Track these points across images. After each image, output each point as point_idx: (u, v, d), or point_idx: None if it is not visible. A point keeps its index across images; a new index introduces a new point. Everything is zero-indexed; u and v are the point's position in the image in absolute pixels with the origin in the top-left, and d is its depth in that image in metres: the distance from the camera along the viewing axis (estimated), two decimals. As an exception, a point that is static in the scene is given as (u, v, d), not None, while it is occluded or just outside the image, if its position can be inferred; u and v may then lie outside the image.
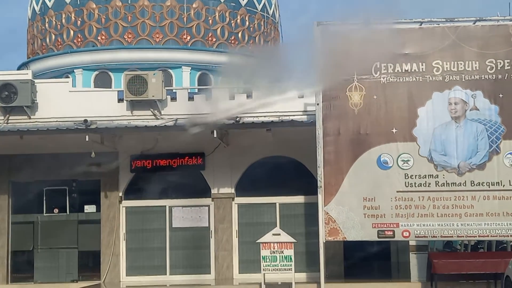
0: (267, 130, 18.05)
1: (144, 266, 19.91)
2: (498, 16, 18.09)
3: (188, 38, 28.96)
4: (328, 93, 17.02)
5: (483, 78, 16.79)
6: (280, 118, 18.39)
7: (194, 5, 28.95)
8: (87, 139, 17.57)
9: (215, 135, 17.79)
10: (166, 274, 19.70)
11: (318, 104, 16.94)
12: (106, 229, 19.77)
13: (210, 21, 29.51)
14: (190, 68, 28.74)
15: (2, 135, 18.26)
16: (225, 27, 29.83)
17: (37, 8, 31.09)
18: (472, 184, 16.47)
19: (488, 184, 16.48)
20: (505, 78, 16.76)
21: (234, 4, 30.01)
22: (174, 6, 28.90)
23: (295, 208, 19.48)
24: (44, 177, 20.05)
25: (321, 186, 16.69)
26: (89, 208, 20.38)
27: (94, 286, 18.79)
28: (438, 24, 17.15)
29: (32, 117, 19.12)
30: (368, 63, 16.92)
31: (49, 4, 30.13)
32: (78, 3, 29.32)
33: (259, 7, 31.13)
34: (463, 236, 17.52)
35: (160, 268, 19.83)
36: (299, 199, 19.35)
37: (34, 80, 19.74)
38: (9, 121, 19.05)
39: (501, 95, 16.69)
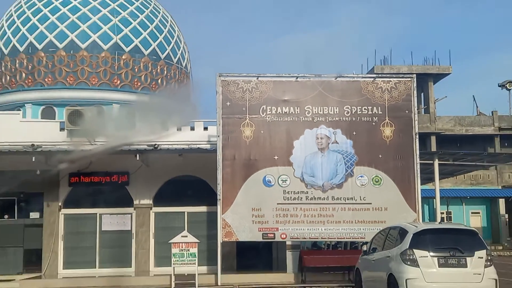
0: (179, 155, 18.55)
1: (78, 261, 19.99)
2: (353, 74, 19.77)
3: (118, 82, 28.91)
4: (226, 128, 17.51)
5: (341, 119, 17.74)
6: (190, 146, 18.96)
7: (123, 57, 28.90)
8: (33, 160, 17.78)
9: (137, 158, 18.40)
10: (95, 268, 19.86)
11: (219, 136, 17.47)
12: (47, 232, 19.77)
13: (136, 69, 29.45)
14: (119, 105, 28.24)
15: None
16: (147, 75, 29.77)
17: None
18: (333, 199, 17.42)
19: (344, 199, 17.43)
20: (358, 120, 17.77)
21: (155, 57, 29.91)
22: (108, 57, 28.70)
23: (200, 215, 19.91)
24: None
25: (220, 199, 17.19)
26: (34, 215, 20.37)
27: (36, 277, 18.70)
28: (309, 79, 18.06)
29: None
30: (256, 106, 17.70)
31: (5, 51, 29.64)
32: (30, 51, 28.87)
33: (175, 60, 31.25)
34: (326, 238, 18.40)
35: (91, 263, 20.00)
36: (203, 208, 19.84)
37: None
38: None
39: (354, 133, 17.70)
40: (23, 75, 29.26)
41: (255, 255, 20.01)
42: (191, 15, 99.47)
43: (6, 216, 20.60)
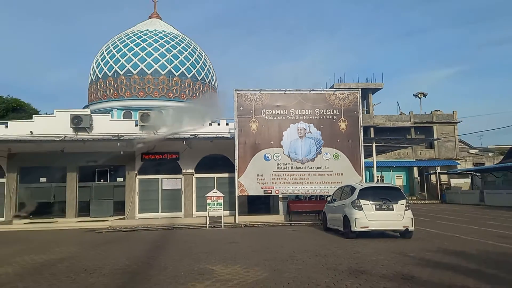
0: (210, 141, 18.65)
1: (147, 208, 19.86)
2: (320, 89, 19.73)
3: (171, 95, 28.68)
4: (240, 123, 17.51)
5: (313, 118, 17.75)
6: (217, 135, 18.98)
7: (174, 78, 28.66)
8: (119, 145, 17.91)
9: (184, 143, 18.51)
10: (159, 212, 19.81)
11: (235, 129, 17.55)
12: (128, 190, 19.84)
13: (182, 86, 29.11)
14: (172, 109, 26.99)
15: (74, 142, 18.17)
16: (190, 90, 29.43)
17: (93, 77, 30.28)
18: (308, 168, 17.45)
19: (315, 168, 17.46)
20: (324, 118, 17.74)
21: (194, 79, 29.64)
22: (164, 79, 28.44)
23: (224, 179, 19.75)
24: (96, 163, 19.77)
25: (236, 169, 17.26)
26: (119, 179, 20.43)
27: (121, 218, 18.85)
28: (292, 92, 17.95)
29: (90, 133, 19.11)
30: (259, 110, 17.68)
31: (100, 75, 29.44)
32: (115, 75, 28.62)
33: (207, 80, 30.96)
34: (304, 193, 18.19)
35: (156, 209, 19.93)
36: (226, 175, 19.67)
37: (91, 114, 19.91)
38: (78, 135, 18.84)
39: (322, 126, 17.71)
40: (111, 91, 29.08)
41: (259, 204, 20.07)
42: (218, 48, 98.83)
43: (102, 180, 20.63)
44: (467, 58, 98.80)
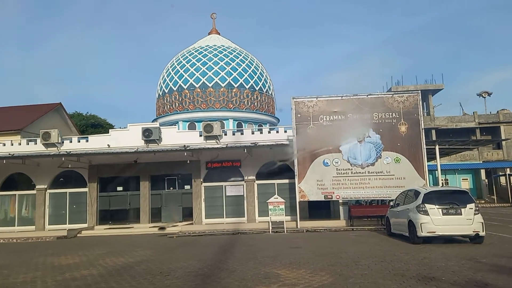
0: (270, 148, 18.71)
1: (213, 214, 20.09)
2: (378, 93, 19.29)
3: (231, 105, 29.06)
4: (298, 130, 17.47)
5: (372, 122, 17.31)
6: (276, 142, 18.97)
7: (234, 90, 29.05)
8: (185, 154, 18.29)
9: (245, 151, 18.77)
10: (223, 218, 19.96)
11: (294, 136, 17.52)
12: (195, 196, 20.11)
13: (241, 97, 29.51)
14: (232, 120, 29.03)
15: (145, 153, 18.87)
16: (248, 100, 29.69)
17: (160, 93, 31.44)
18: (368, 173, 17.02)
19: (376, 172, 16.99)
20: (383, 122, 17.28)
21: (252, 89, 29.82)
22: (225, 91, 28.92)
23: (284, 185, 19.56)
24: (166, 172, 20.45)
25: (296, 175, 17.20)
26: (187, 187, 20.71)
27: (189, 223, 19.21)
28: (349, 97, 17.64)
29: (159, 144, 19.80)
30: (316, 116, 17.53)
31: (166, 90, 30.55)
32: (180, 90, 29.51)
33: (264, 90, 31.17)
34: (365, 198, 17.83)
35: (220, 215, 20.11)
36: (286, 181, 19.50)
37: (160, 127, 20.56)
38: (148, 146, 19.57)
39: (381, 130, 17.26)
40: (177, 104, 29.99)
41: (319, 209, 19.78)
42: (274, 59, 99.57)
43: (171, 188, 21.13)
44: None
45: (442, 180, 25.80)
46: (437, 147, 20.16)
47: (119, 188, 21.16)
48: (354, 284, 6.07)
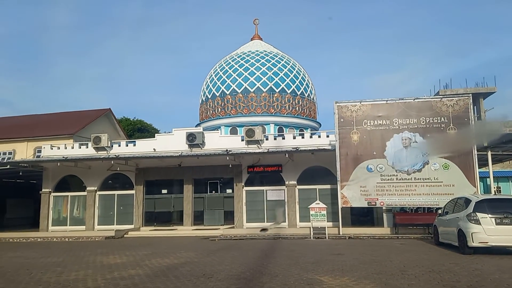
0: (312, 153, 18.61)
1: (254, 218, 20.04)
2: (424, 96, 18.59)
3: (273, 110, 29.15)
4: (341, 135, 17.18)
5: (418, 127, 16.76)
6: (318, 147, 18.78)
7: (275, 95, 29.06)
8: (227, 159, 18.61)
9: (286, 156, 18.73)
10: (264, 222, 19.79)
11: (336, 141, 17.26)
12: (236, 200, 20.22)
13: (283, 102, 29.45)
14: (273, 125, 29.11)
15: (189, 157, 19.33)
16: (290, 105, 29.66)
17: (203, 98, 31.92)
18: (415, 179, 16.45)
19: (423, 179, 16.40)
20: (430, 127, 16.70)
21: (294, 94, 29.80)
22: (266, 96, 29.04)
23: (326, 191, 19.20)
24: (208, 176, 20.82)
25: (339, 180, 16.94)
26: (229, 190, 20.87)
27: (231, 227, 19.28)
28: (395, 101, 17.24)
29: (203, 148, 20.22)
30: (360, 121, 17.20)
31: (209, 96, 31.03)
32: (222, 95, 29.93)
33: (306, 95, 30.95)
34: (411, 205, 17.20)
35: (261, 219, 19.99)
36: (327, 186, 19.11)
37: (203, 131, 20.89)
38: (192, 151, 20.01)
39: (428, 135, 16.69)
40: (219, 109, 30.41)
41: (362, 216, 19.47)
42: (318, 63, 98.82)
43: (213, 192, 21.38)
44: None
45: (494, 188, 24.40)
46: (489, 153, 19.17)
47: (164, 191, 21.70)
48: (401, 294, 5.86)
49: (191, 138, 20.02)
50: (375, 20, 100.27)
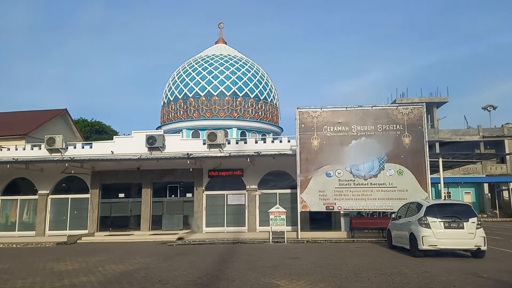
0: (273, 158, 18.61)
1: (214, 222, 19.84)
2: (382, 104, 19.12)
3: (235, 114, 29.25)
4: (301, 140, 17.42)
5: (375, 133, 17.26)
6: (279, 152, 18.82)
7: (238, 99, 29.29)
8: (188, 162, 18.30)
9: (248, 160, 18.62)
10: (224, 226, 19.69)
11: (297, 146, 17.43)
12: (196, 205, 19.98)
13: (246, 106, 29.62)
14: (236, 129, 29.22)
15: (149, 160, 18.92)
16: (253, 109, 29.84)
17: (165, 101, 31.70)
18: (371, 184, 16.89)
19: (378, 184, 16.84)
20: (387, 133, 17.21)
21: (257, 99, 30.02)
22: (229, 100, 29.12)
23: (286, 195, 19.36)
24: (168, 179, 20.29)
25: (299, 185, 17.14)
26: (188, 195, 20.53)
27: (189, 232, 19.02)
28: (354, 108, 17.64)
29: (163, 152, 19.83)
30: (320, 127, 17.51)
31: (171, 98, 30.77)
32: (184, 98, 29.73)
33: (269, 99, 31.30)
34: (367, 209, 17.55)
35: (221, 223, 19.85)
36: (288, 191, 19.29)
37: (164, 134, 20.52)
38: (152, 154, 19.63)
39: (385, 142, 17.08)
40: (181, 112, 30.15)
41: (320, 220, 19.60)
42: (281, 68, 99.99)
43: (173, 195, 21.02)
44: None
45: (444, 193, 25.54)
46: (440, 160, 20.08)
47: (121, 195, 21.08)
48: (354, 296, 6.01)
49: (151, 141, 19.62)
50: (338, 27, 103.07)
